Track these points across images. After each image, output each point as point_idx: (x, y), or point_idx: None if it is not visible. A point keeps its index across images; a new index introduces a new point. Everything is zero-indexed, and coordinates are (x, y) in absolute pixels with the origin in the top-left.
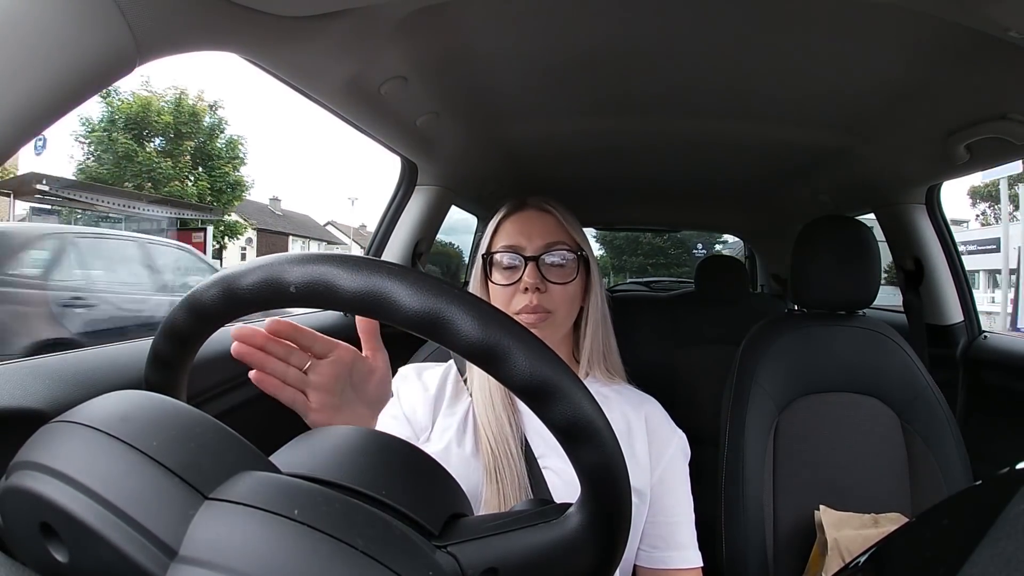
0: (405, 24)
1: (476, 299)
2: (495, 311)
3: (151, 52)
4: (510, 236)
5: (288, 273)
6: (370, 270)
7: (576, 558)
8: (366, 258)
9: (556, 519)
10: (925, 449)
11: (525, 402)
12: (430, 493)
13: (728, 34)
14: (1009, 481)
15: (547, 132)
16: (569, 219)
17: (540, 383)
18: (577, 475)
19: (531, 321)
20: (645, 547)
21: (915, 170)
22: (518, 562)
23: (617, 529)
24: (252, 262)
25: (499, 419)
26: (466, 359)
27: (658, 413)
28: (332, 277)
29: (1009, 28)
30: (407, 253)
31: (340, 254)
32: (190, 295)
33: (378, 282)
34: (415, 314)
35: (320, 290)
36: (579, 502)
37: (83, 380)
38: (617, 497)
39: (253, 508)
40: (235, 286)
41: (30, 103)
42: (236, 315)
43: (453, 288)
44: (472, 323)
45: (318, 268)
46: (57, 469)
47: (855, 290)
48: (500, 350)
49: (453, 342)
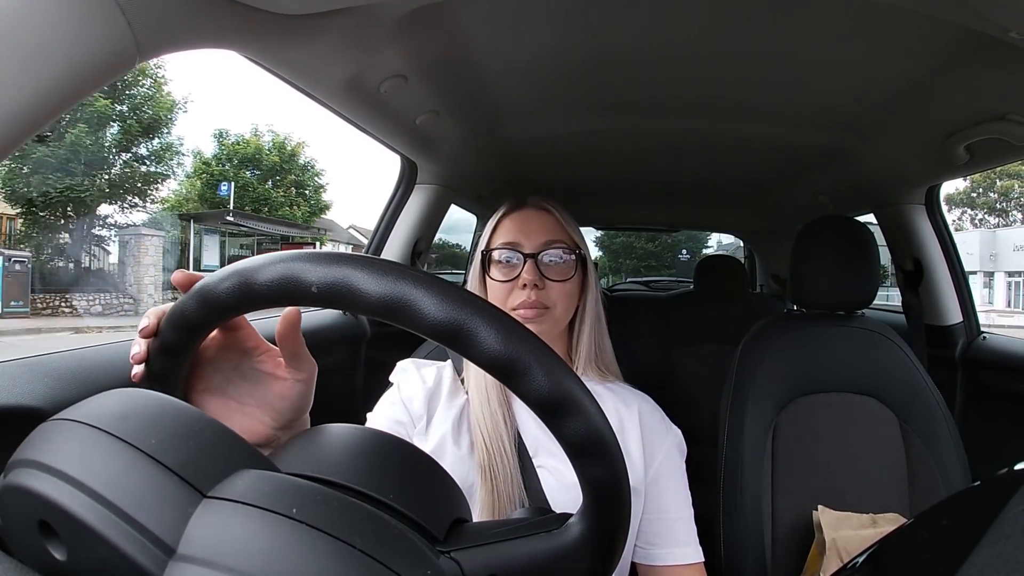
0: (405, 23)
1: (499, 312)
2: (517, 325)
3: (151, 49)
4: (509, 234)
5: (309, 272)
6: (395, 276)
7: (574, 566)
8: (391, 262)
9: (557, 529)
10: (924, 449)
11: (540, 416)
12: (435, 498)
13: (728, 34)
14: (1008, 482)
15: (547, 131)
16: (567, 218)
17: (558, 399)
18: (582, 488)
19: (529, 316)
20: (642, 544)
21: (915, 171)
22: (518, 570)
23: (616, 540)
24: (270, 256)
25: (494, 418)
26: (486, 371)
27: (652, 410)
28: (356, 280)
29: (1009, 29)
30: (406, 252)
31: (363, 255)
32: (201, 285)
33: (405, 289)
34: (439, 324)
35: (343, 293)
36: (580, 513)
37: (82, 378)
38: (619, 511)
39: (252, 507)
40: (252, 280)
41: (30, 100)
42: (249, 309)
43: (477, 299)
44: (495, 336)
45: (342, 270)
46: (56, 467)
47: (854, 290)
48: (521, 365)
49: (475, 354)
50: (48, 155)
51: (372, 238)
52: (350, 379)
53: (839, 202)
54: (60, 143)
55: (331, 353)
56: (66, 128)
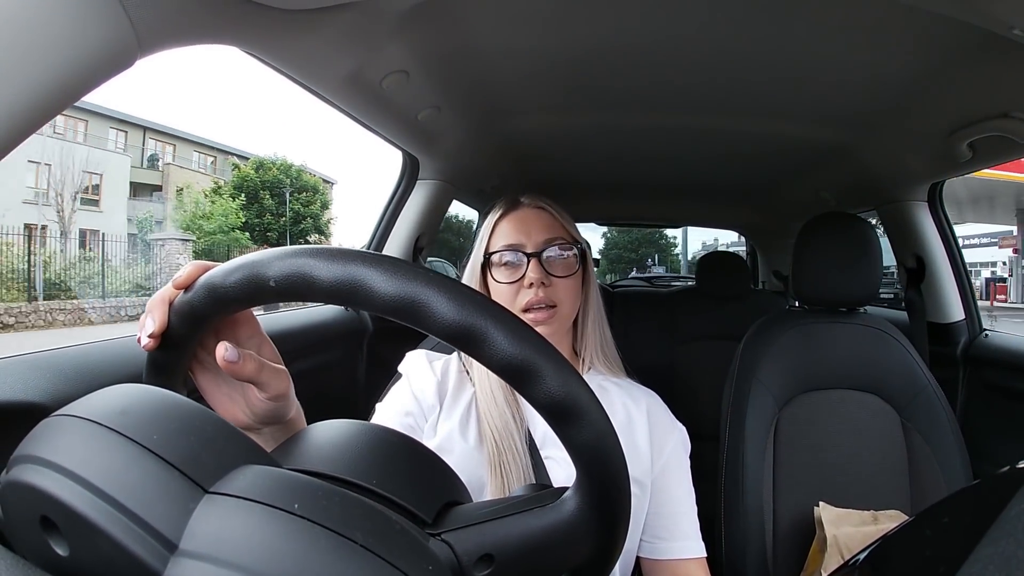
0: (407, 18)
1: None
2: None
3: (152, 45)
4: (508, 235)
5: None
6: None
7: (575, 544)
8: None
9: (552, 503)
10: (925, 447)
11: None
12: (423, 481)
13: (731, 30)
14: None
15: (548, 127)
16: (564, 214)
17: (519, 363)
18: (570, 457)
19: (540, 318)
20: (647, 538)
21: (917, 168)
22: (515, 548)
23: (615, 512)
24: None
25: (502, 413)
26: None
27: (659, 406)
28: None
29: (1014, 26)
30: (408, 248)
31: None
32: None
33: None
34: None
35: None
36: (575, 485)
37: (83, 374)
38: (613, 477)
39: (253, 502)
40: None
41: (31, 97)
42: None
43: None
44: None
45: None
46: (57, 463)
47: (856, 287)
48: (477, 331)
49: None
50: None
51: (374, 234)
52: (352, 375)
53: (841, 199)
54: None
55: (333, 349)
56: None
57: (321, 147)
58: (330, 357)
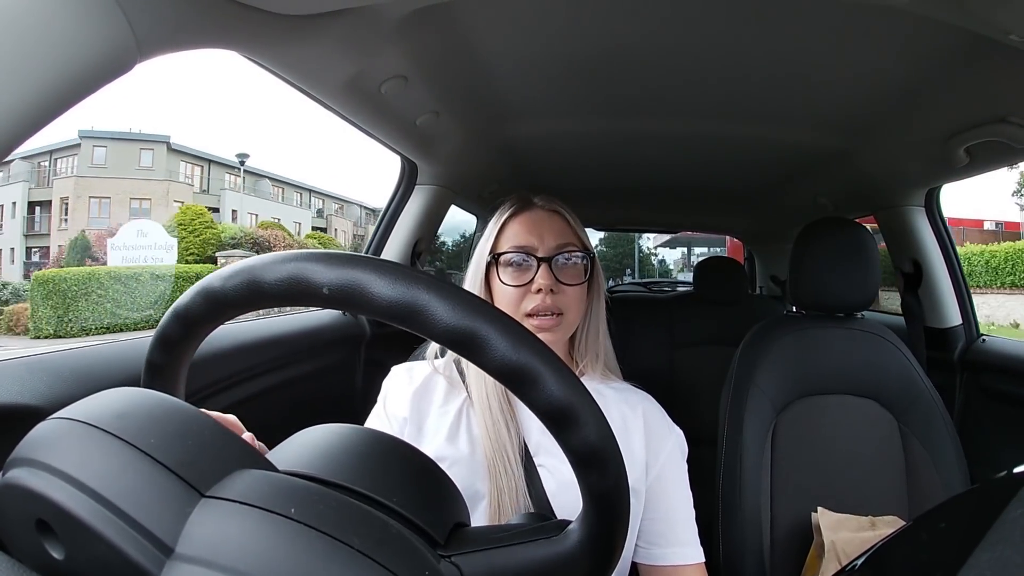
0: (406, 23)
1: (511, 320)
2: (528, 334)
3: (151, 50)
4: (519, 236)
5: (320, 273)
6: (409, 280)
7: (572, 571)
8: (403, 266)
9: (556, 536)
10: (923, 452)
11: (547, 425)
12: (437, 502)
13: (728, 36)
14: (1007, 485)
15: (547, 132)
16: (576, 220)
17: (567, 411)
18: (582, 495)
19: (546, 325)
20: (643, 544)
21: (915, 173)
22: (517, 575)
23: (614, 546)
24: (280, 255)
25: (497, 426)
26: (495, 379)
27: (655, 411)
28: (368, 283)
29: (1010, 32)
30: (406, 253)
31: (374, 257)
32: (205, 282)
33: (418, 294)
34: (450, 330)
35: (354, 295)
36: (580, 520)
37: (80, 377)
38: (618, 519)
39: (250, 506)
40: (260, 279)
41: (30, 101)
42: (256, 307)
43: (489, 307)
44: (506, 345)
45: (354, 272)
46: (54, 466)
47: (853, 292)
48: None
49: (485, 362)
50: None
51: (372, 238)
52: (349, 380)
53: (839, 203)
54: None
55: (330, 353)
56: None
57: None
58: (328, 362)
